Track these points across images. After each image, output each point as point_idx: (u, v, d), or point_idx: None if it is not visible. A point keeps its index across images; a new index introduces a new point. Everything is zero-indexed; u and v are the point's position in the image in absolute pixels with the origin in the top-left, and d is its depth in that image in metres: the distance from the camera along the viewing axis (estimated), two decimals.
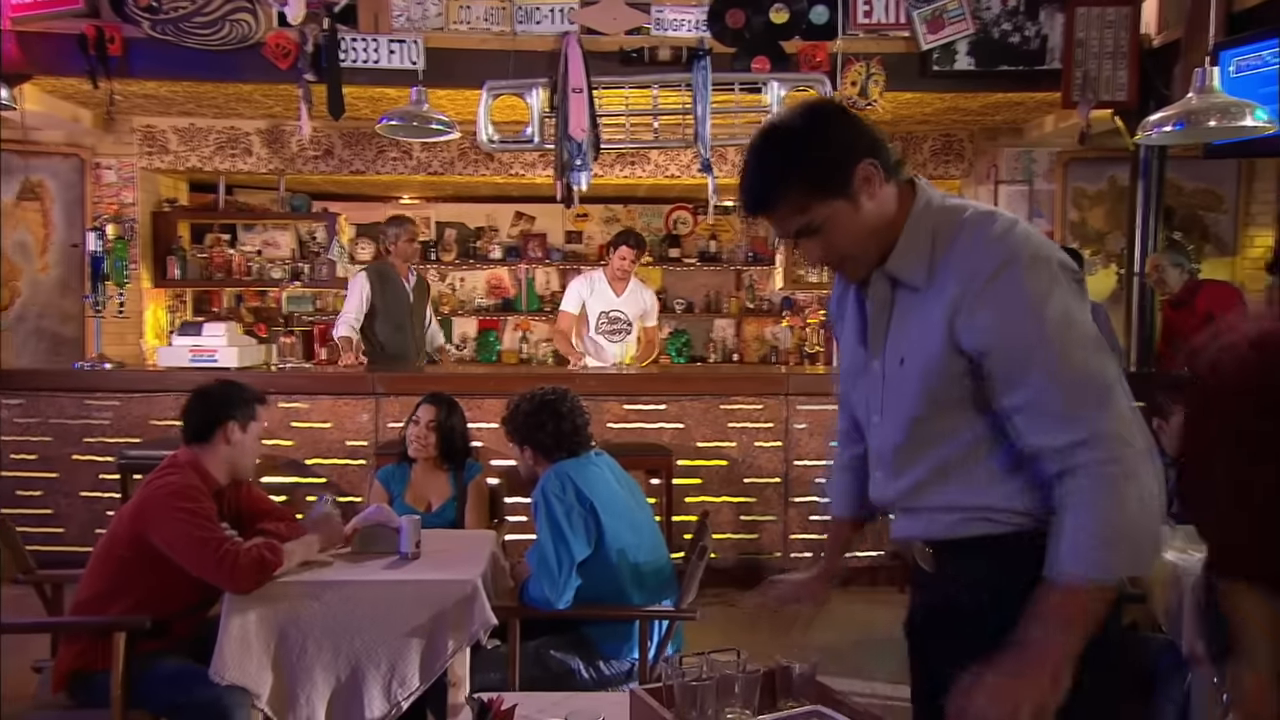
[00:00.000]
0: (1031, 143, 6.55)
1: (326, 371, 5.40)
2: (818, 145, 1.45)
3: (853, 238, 1.48)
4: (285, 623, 2.49)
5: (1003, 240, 1.40)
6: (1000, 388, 1.40)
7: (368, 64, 5.24)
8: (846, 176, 1.45)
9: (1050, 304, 1.36)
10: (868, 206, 1.46)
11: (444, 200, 8.37)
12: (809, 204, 1.46)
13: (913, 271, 1.47)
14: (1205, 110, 3.11)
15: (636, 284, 5.68)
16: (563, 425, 2.80)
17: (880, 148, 1.48)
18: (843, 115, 1.50)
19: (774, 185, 1.47)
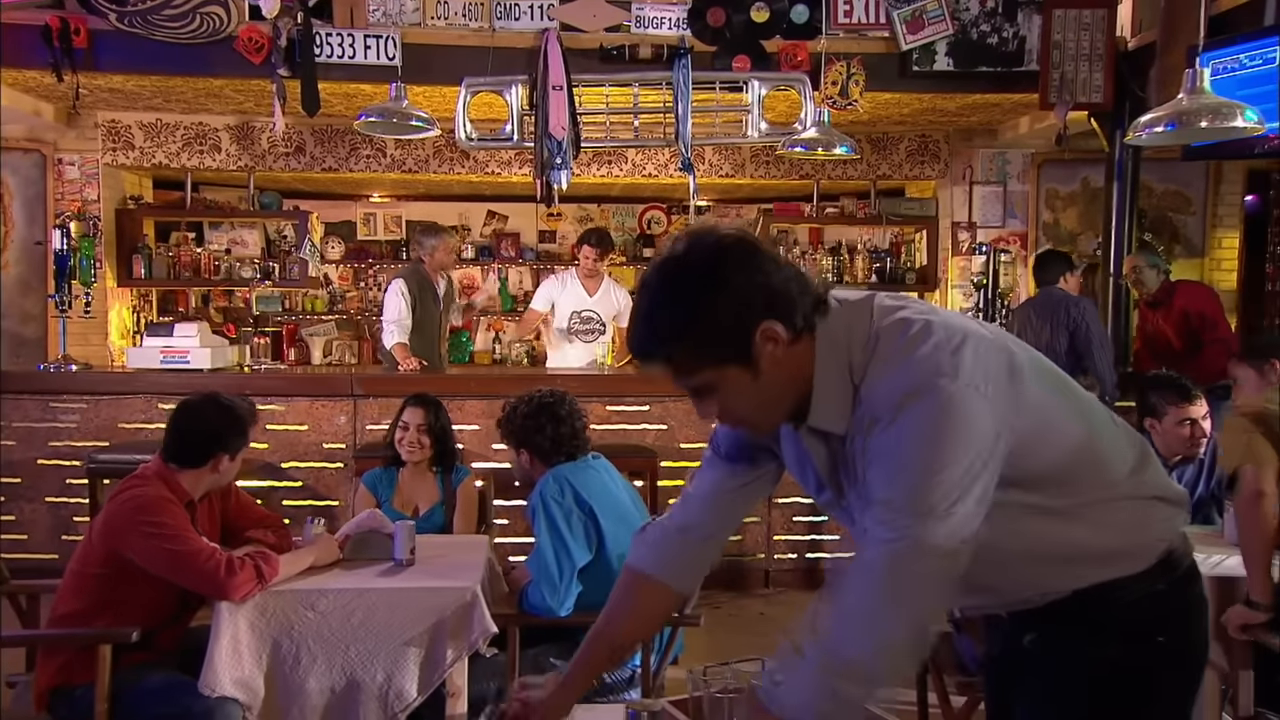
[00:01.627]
0: (1006, 144, 6.60)
1: (302, 373, 5.29)
2: (709, 298, 1.24)
3: (751, 404, 1.31)
4: (278, 632, 2.41)
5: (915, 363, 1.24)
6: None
7: (343, 59, 5.14)
8: (743, 340, 1.25)
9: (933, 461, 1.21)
10: (771, 372, 1.27)
11: (415, 199, 8.27)
12: (697, 368, 1.27)
13: (834, 421, 1.31)
14: (1196, 111, 3.13)
15: (610, 284, 5.65)
16: (561, 428, 2.75)
17: (790, 301, 1.27)
18: (750, 262, 1.26)
19: (655, 340, 1.28)
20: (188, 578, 2.41)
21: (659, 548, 1.57)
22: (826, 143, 4.57)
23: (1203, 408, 3.09)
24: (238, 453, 2.66)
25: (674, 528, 1.56)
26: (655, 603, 1.59)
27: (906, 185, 7.20)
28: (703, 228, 1.34)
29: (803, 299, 1.29)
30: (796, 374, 1.30)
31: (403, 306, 5.18)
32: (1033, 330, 4.74)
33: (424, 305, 5.32)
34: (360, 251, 8.24)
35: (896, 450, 1.23)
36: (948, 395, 1.21)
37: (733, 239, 1.29)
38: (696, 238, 1.30)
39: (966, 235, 6.63)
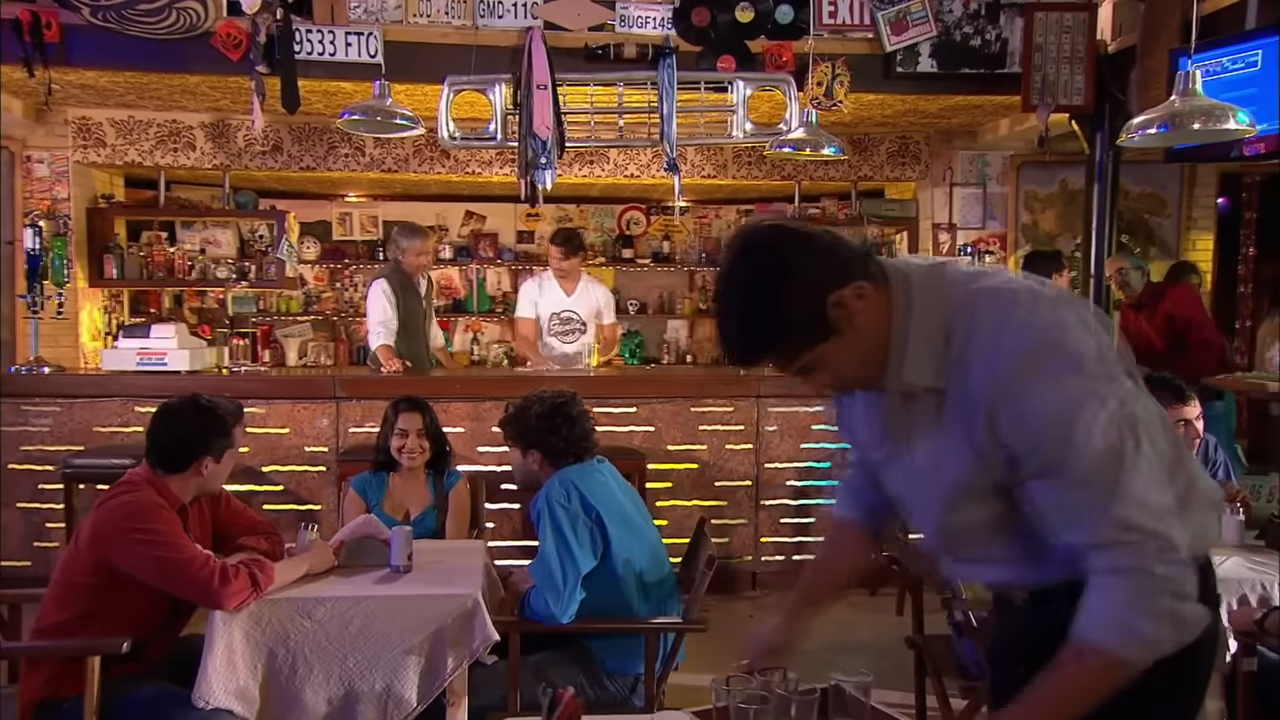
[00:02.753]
0: (985, 146, 6.64)
1: (284, 375, 5.20)
2: (777, 299, 1.33)
3: (851, 364, 1.38)
4: (274, 642, 2.35)
5: (1023, 337, 1.30)
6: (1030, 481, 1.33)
7: (323, 57, 5.05)
8: (821, 319, 1.33)
9: (1067, 408, 1.27)
10: (854, 332, 1.35)
11: (392, 198, 8.18)
12: (796, 355, 1.37)
13: (919, 376, 1.37)
14: (1189, 113, 3.15)
15: (588, 282, 5.59)
16: (575, 430, 2.71)
17: (845, 265, 1.35)
18: (798, 247, 1.35)
19: (747, 350, 1.38)
20: (180, 586, 2.34)
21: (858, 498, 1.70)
22: (815, 143, 4.56)
23: (1196, 408, 3.10)
24: (223, 454, 2.59)
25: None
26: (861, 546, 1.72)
27: (886, 186, 7.23)
28: (747, 228, 1.40)
29: (854, 258, 1.36)
30: (877, 324, 1.36)
31: (387, 308, 5.10)
32: None
33: (407, 305, 5.24)
34: (336, 251, 8.13)
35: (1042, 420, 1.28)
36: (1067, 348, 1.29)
37: (774, 230, 1.38)
38: (743, 243, 1.38)
39: (947, 236, 6.66)
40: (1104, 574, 1.28)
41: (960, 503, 1.41)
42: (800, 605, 1.67)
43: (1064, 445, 1.27)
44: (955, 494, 1.40)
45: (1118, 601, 1.26)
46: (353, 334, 8.14)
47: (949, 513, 1.43)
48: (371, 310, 5.21)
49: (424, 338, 5.37)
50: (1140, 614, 1.25)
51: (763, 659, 1.57)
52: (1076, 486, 1.28)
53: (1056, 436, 1.27)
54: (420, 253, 5.27)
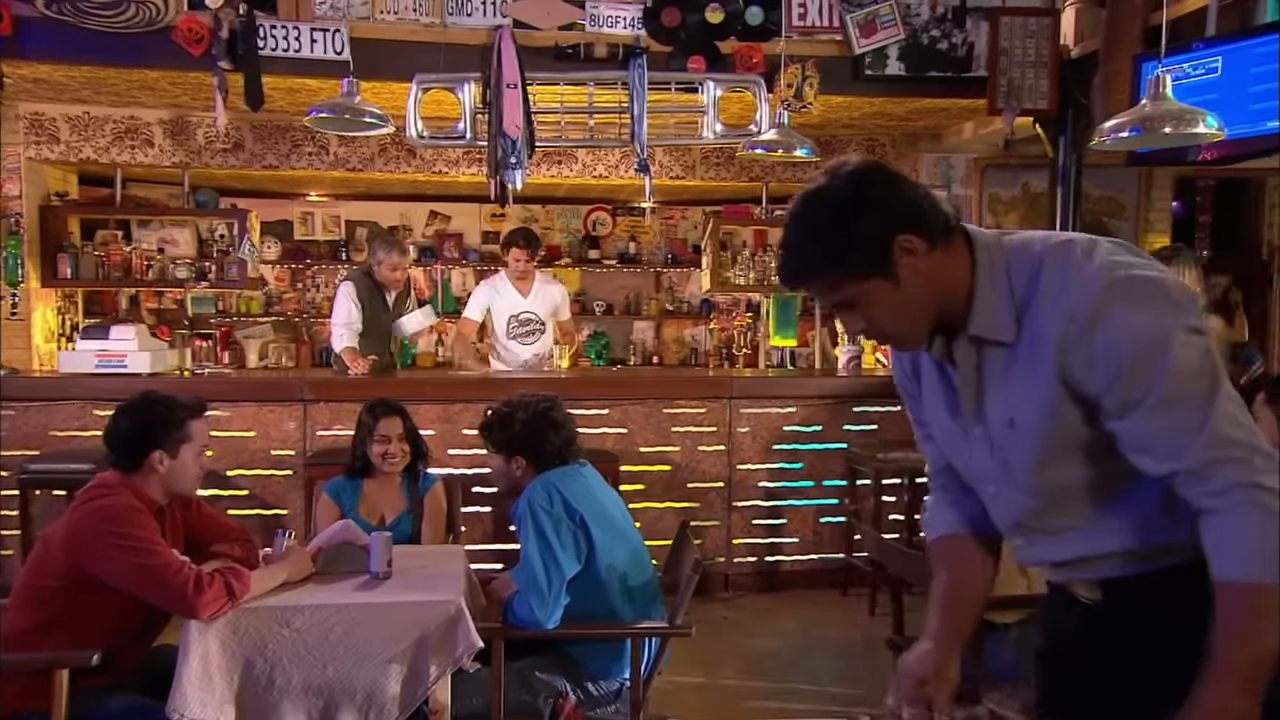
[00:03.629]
0: (950, 149, 6.70)
1: (250, 377, 5.11)
2: (848, 220, 1.34)
3: (895, 314, 1.39)
4: (250, 652, 2.29)
5: (1093, 271, 1.30)
6: (1114, 423, 1.32)
7: (288, 53, 4.97)
8: (882, 253, 1.34)
9: (1153, 331, 1.27)
10: (912, 282, 1.35)
11: (355, 198, 8.07)
12: (841, 283, 1.37)
13: (1000, 328, 1.37)
14: (1160, 117, 3.20)
15: (542, 281, 5.55)
16: (562, 434, 2.67)
17: (922, 215, 1.35)
18: (883, 182, 1.36)
19: (803, 262, 1.39)
20: (155, 593, 2.27)
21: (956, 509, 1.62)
22: (787, 144, 4.57)
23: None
24: (177, 448, 2.49)
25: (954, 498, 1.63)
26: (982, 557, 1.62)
27: None
28: (838, 160, 1.42)
29: (935, 214, 1.37)
30: (938, 285, 1.37)
31: (352, 310, 5.03)
32: None
33: (372, 310, 5.17)
34: (298, 252, 8.01)
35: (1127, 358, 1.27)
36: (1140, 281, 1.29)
37: (866, 163, 1.39)
38: (833, 168, 1.40)
39: None
40: (1219, 501, 1.25)
41: (1046, 461, 1.39)
42: (947, 635, 1.55)
43: (1154, 367, 1.26)
44: (1039, 450, 1.38)
45: (1250, 530, 1.24)
46: (315, 335, 8.03)
47: (1035, 473, 1.41)
48: (336, 312, 5.14)
49: (387, 342, 5.30)
50: (1270, 535, 1.23)
51: (913, 693, 1.48)
52: (1168, 408, 1.26)
53: (1145, 359, 1.26)
54: (395, 267, 5.19)
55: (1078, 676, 1.54)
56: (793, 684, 3.90)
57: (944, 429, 1.53)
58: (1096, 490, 1.39)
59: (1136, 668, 1.44)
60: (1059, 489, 1.41)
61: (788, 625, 4.52)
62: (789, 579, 5.00)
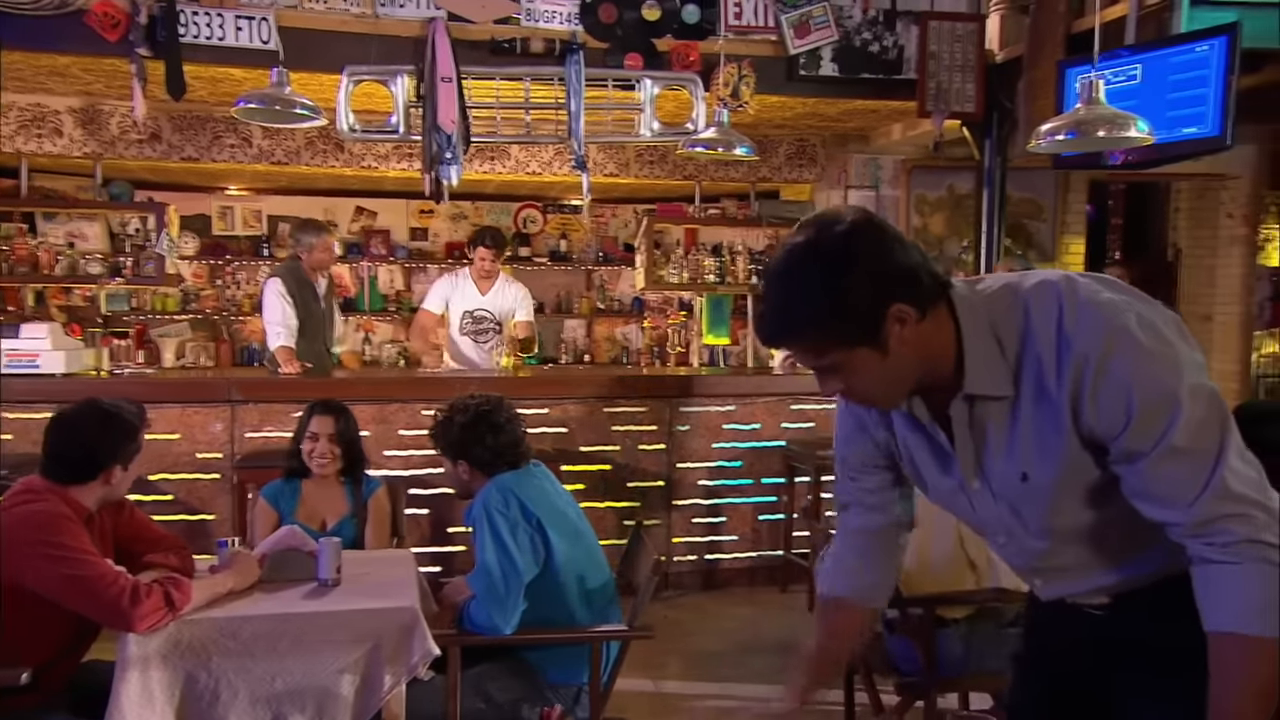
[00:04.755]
0: (878, 150, 6.81)
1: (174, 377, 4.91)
2: (840, 285, 1.26)
3: (878, 382, 1.34)
4: (193, 665, 2.19)
5: (1092, 316, 1.27)
6: (1119, 467, 1.30)
7: (210, 41, 4.78)
8: (873, 323, 1.27)
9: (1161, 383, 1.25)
10: (899, 351, 1.29)
11: (277, 192, 7.83)
12: (826, 349, 1.31)
13: (997, 383, 1.32)
14: (1094, 121, 3.29)
15: (504, 281, 5.50)
16: (501, 437, 2.62)
17: (916, 282, 1.29)
18: (880, 244, 1.28)
19: (786, 325, 1.32)
20: (89, 606, 2.15)
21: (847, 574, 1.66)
22: (727, 143, 4.58)
23: None
24: (130, 460, 2.42)
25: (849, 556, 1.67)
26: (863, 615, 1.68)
27: (783, 188, 7.33)
28: (827, 212, 1.33)
29: (928, 280, 1.30)
30: (925, 352, 1.32)
31: (285, 307, 4.88)
32: None
33: (305, 304, 5.03)
34: (217, 247, 7.75)
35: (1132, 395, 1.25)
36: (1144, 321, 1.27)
37: (862, 222, 1.30)
38: (825, 223, 1.31)
39: None
40: (1220, 554, 1.24)
41: (1062, 508, 1.36)
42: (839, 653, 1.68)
43: (1162, 419, 1.23)
44: (1054, 499, 1.35)
45: (1251, 583, 1.22)
46: (235, 333, 7.77)
47: (1050, 520, 1.38)
48: (268, 310, 4.97)
49: (324, 338, 5.16)
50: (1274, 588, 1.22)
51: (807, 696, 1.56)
52: (1175, 460, 1.24)
53: (1155, 408, 1.23)
54: (325, 249, 5.08)
55: (1066, 677, 1.55)
56: (737, 684, 3.90)
57: (936, 486, 1.49)
58: (1114, 527, 1.37)
59: (1135, 664, 1.45)
60: (1076, 532, 1.39)
61: (729, 624, 4.53)
62: (728, 577, 5.01)
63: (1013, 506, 1.40)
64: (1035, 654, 1.64)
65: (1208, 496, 1.23)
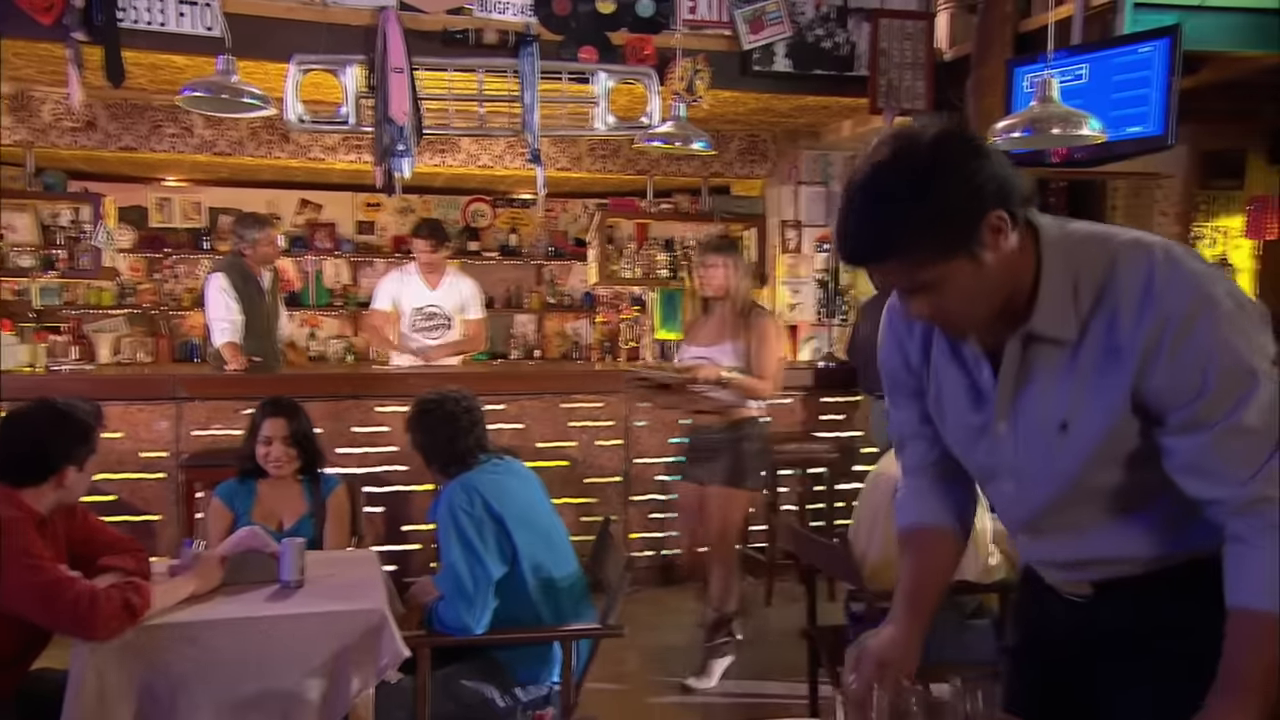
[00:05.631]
0: (828, 146, 6.84)
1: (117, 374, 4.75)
2: (935, 191, 1.22)
3: (969, 299, 1.29)
4: (151, 674, 2.11)
5: (1185, 277, 1.25)
6: (1173, 438, 1.28)
7: (151, 26, 4.63)
8: (971, 230, 1.23)
9: (1245, 356, 1.23)
10: (991, 263, 1.25)
11: (217, 184, 7.61)
12: (922, 261, 1.25)
13: (1061, 326, 1.30)
14: (1048, 119, 3.35)
15: (454, 276, 5.40)
16: (445, 431, 2.57)
17: (1011, 191, 1.25)
18: (974, 152, 1.25)
19: (880, 238, 1.26)
20: (44, 613, 2.06)
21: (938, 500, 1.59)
22: (684, 137, 4.56)
23: None
24: (85, 462, 2.33)
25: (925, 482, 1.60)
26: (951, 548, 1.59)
27: (734, 183, 7.35)
28: (909, 127, 1.28)
29: (1020, 191, 1.27)
30: (1013, 271, 1.28)
31: (229, 302, 4.75)
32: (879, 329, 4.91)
33: (249, 299, 4.90)
34: (155, 240, 7.52)
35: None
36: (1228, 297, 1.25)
37: (948, 131, 1.26)
38: (909, 134, 1.27)
39: (794, 234, 6.84)
40: (1257, 535, 1.23)
41: (1091, 465, 1.34)
42: (909, 619, 1.52)
43: (1237, 392, 1.22)
44: (1089, 454, 1.33)
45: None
46: (175, 329, 7.56)
47: (1075, 476, 1.36)
48: (212, 306, 4.83)
49: (271, 334, 5.03)
50: None
51: (876, 674, 1.43)
52: (1238, 437, 1.23)
53: (1233, 380, 1.22)
54: (269, 243, 4.97)
55: (1055, 667, 1.56)
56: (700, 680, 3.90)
57: (958, 423, 1.47)
58: (1122, 497, 1.37)
59: (1119, 654, 1.46)
60: (1088, 492, 1.38)
61: (687, 619, 4.51)
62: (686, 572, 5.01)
63: (1034, 454, 1.38)
64: (1027, 645, 1.65)
65: (1262, 477, 1.23)
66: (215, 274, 4.95)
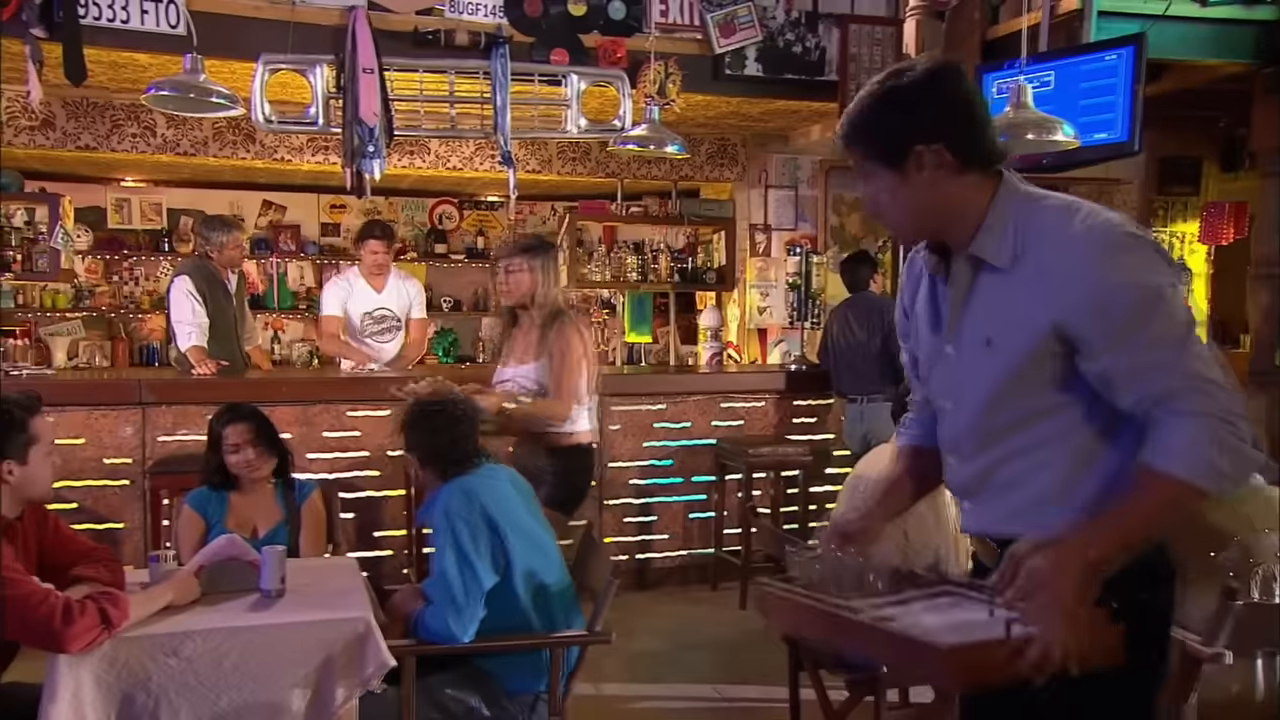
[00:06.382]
0: (797, 150, 6.89)
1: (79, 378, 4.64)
2: (888, 113, 1.51)
3: (893, 206, 1.55)
4: (130, 686, 2.05)
5: (1104, 222, 1.45)
6: (1098, 360, 1.45)
7: (114, 23, 4.54)
8: (898, 152, 1.50)
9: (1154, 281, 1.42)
10: (918, 185, 1.50)
11: (178, 185, 7.48)
12: (865, 158, 1.55)
13: (996, 253, 1.51)
14: (1023, 125, 3.39)
15: (398, 276, 5.25)
16: (444, 433, 2.53)
17: (956, 134, 1.49)
18: (937, 90, 1.50)
19: (847, 128, 1.57)
20: (15, 627, 2.00)
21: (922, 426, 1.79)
22: (659, 140, 4.56)
23: None
24: (25, 452, 2.23)
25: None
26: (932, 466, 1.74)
27: (702, 187, 7.37)
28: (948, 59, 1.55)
29: (975, 140, 1.51)
30: (951, 202, 1.52)
31: (195, 306, 4.66)
32: (851, 332, 4.94)
33: (215, 302, 4.81)
34: (113, 241, 7.36)
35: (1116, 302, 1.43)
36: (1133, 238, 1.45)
37: (943, 67, 1.52)
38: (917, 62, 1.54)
39: (763, 236, 6.87)
40: (1174, 415, 1.39)
41: (1004, 388, 1.51)
42: (879, 508, 1.79)
43: (1148, 313, 1.41)
44: (1006, 372, 1.50)
45: (1190, 437, 1.38)
46: (133, 332, 7.41)
47: (987, 405, 1.54)
48: (177, 309, 4.73)
49: (236, 337, 4.94)
50: (1213, 447, 1.36)
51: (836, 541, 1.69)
52: (1154, 346, 1.40)
53: (1142, 306, 1.41)
54: (236, 246, 4.88)
55: None
56: (675, 683, 3.89)
57: (926, 347, 1.68)
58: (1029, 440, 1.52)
59: None
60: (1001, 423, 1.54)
61: (663, 623, 4.52)
62: (660, 576, 5.01)
63: (966, 370, 1.57)
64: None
65: (1179, 372, 1.40)
66: (180, 276, 4.85)
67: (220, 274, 4.90)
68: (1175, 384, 1.40)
